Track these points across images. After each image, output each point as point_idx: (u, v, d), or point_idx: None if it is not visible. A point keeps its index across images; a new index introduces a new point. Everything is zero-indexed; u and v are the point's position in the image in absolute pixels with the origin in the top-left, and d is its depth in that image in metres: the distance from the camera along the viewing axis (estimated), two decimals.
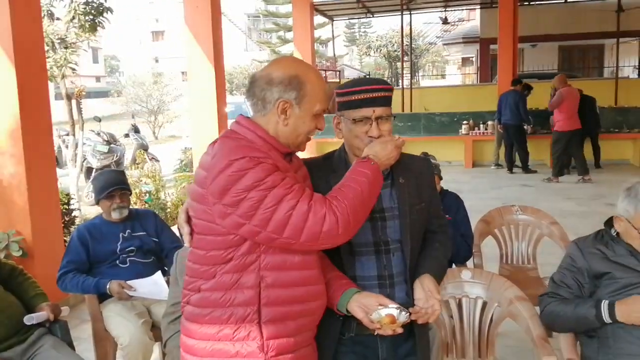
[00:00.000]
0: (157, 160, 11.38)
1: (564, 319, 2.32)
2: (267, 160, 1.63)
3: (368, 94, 1.89)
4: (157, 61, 45.95)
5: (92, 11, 8.63)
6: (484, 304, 2.68)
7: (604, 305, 2.20)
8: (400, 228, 1.95)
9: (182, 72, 32.07)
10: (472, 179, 10.68)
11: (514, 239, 4.06)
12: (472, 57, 23.35)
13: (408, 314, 1.79)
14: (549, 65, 17.81)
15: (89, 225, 3.45)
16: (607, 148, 11.39)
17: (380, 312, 1.76)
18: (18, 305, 2.80)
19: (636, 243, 2.29)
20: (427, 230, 2.09)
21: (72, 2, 8.23)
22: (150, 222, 3.53)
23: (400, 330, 1.77)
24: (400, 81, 21.31)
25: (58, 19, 8.69)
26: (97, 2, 8.62)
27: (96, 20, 8.68)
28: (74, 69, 7.88)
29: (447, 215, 3.12)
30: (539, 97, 11.55)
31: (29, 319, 2.71)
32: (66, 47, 7.80)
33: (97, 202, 3.46)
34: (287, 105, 1.72)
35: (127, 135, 11.76)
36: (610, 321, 2.19)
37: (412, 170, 2.03)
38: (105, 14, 8.77)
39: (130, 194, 3.53)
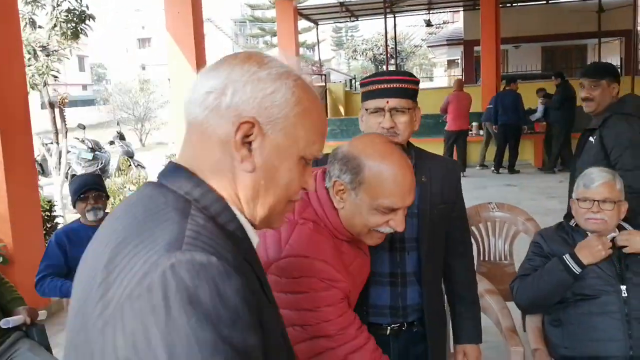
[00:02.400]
0: (143, 167, 11.38)
1: (537, 290, 2.38)
2: (342, 285, 1.52)
3: (383, 84, 1.84)
4: (143, 68, 45.87)
5: (74, 18, 8.66)
6: None
7: (567, 258, 2.30)
8: (418, 227, 1.89)
9: (169, 79, 32.00)
10: None
11: (491, 235, 4.11)
12: (458, 59, 23.51)
13: None
14: (533, 65, 17.96)
15: (67, 230, 3.47)
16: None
17: None
18: None
19: (579, 216, 2.42)
20: (451, 243, 2.03)
21: (53, 9, 8.26)
22: None
23: None
24: None
25: (40, 26, 8.71)
26: (79, 10, 8.65)
27: (78, 28, 8.71)
28: (56, 77, 7.88)
29: None
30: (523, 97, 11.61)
31: (5, 323, 2.72)
32: (48, 55, 7.79)
33: (74, 206, 3.49)
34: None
35: (112, 143, 11.75)
36: (580, 269, 2.27)
37: (436, 170, 1.96)
38: (87, 22, 8.81)
39: (107, 197, 3.55)
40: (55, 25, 7.93)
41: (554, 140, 10.74)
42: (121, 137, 12.56)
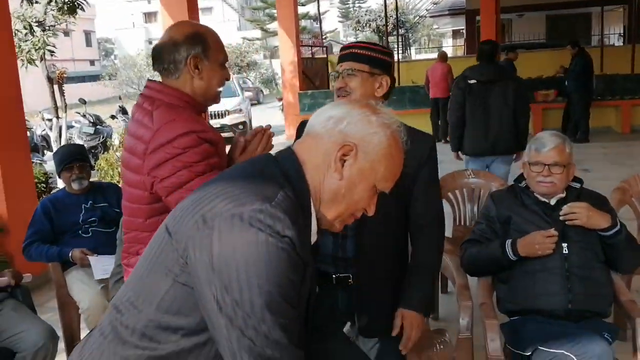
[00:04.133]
0: None
1: (480, 262, 2.53)
2: (209, 136, 1.76)
3: (344, 50, 2.10)
4: (150, 42, 45.77)
5: None
6: None
7: (508, 244, 2.41)
8: None
9: None
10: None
11: (467, 201, 4.22)
12: (463, 29, 23.29)
13: None
14: (537, 35, 17.78)
15: (52, 198, 3.62)
16: (592, 115, 11.45)
17: None
18: None
19: (530, 179, 2.51)
20: (413, 215, 2.09)
21: None
22: (112, 194, 3.70)
23: None
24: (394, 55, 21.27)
25: (37, 2, 8.79)
26: None
27: (75, 3, 8.78)
28: (52, 52, 7.98)
29: None
30: (526, 67, 11.51)
31: None
32: (44, 30, 7.88)
33: (59, 176, 3.64)
34: (197, 60, 1.84)
35: (113, 117, 11.87)
36: (515, 258, 2.39)
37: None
38: None
39: (91, 167, 3.70)
40: (50, 1, 7.98)
41: (573, 110, 10.70)
42: (123, 111, 12.69)
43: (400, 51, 19.58)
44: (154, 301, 1.18)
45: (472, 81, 4.93)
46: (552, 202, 2.50)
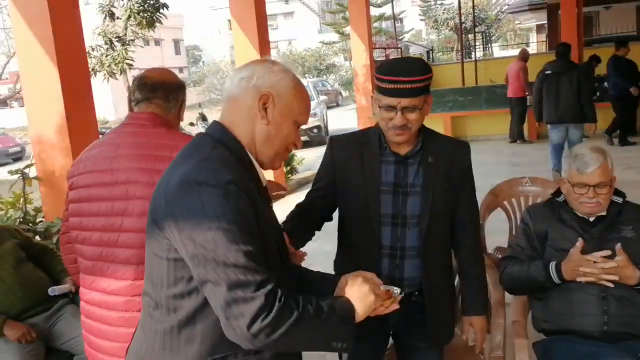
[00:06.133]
0: None
1: (520, 282, 2.41)
2: None
3: (396, 84, 1.88)
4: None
5: (149, 8, 9.21)
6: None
7: (552, 267, 2.28)
8: (420, 205, 2.00)
9: (232, 62, 32.86)
10: (531, 151, 10.42)
11: (524, 210, 4.08)
12: (546, 23, 22.33)
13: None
14: (627, 27, 16.76)
15: None
16: None
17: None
18: (45, 279, 3.21)
19: (572, 200, 2.39)
20: (458, 222, 2.11)
21: (128, 1, 8.81)
22: None
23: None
24: (472, 54, 20.83)
25: (118, 18, 9.34)
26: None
27: (154, 17, 9.26)
28: (130, 65, 8.44)
29: None
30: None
31: (52, 291, 3.10)
32: (123, 45, 8.35)
33: None
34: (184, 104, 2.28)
35: (192, 124, 12.31)
36: (560, 281, 2.27)
37: (444, 152, 2.05)
38: (162, 10, 9.33)
39: None
40: (129, 17, 8.45)
41: None
42: (203, 118, 13.13)
43: (480, 49, 19.09)
44: (164, 282, 1.42)
45: (548, 72, 7.25)
46: (592, 218, 2.38)
